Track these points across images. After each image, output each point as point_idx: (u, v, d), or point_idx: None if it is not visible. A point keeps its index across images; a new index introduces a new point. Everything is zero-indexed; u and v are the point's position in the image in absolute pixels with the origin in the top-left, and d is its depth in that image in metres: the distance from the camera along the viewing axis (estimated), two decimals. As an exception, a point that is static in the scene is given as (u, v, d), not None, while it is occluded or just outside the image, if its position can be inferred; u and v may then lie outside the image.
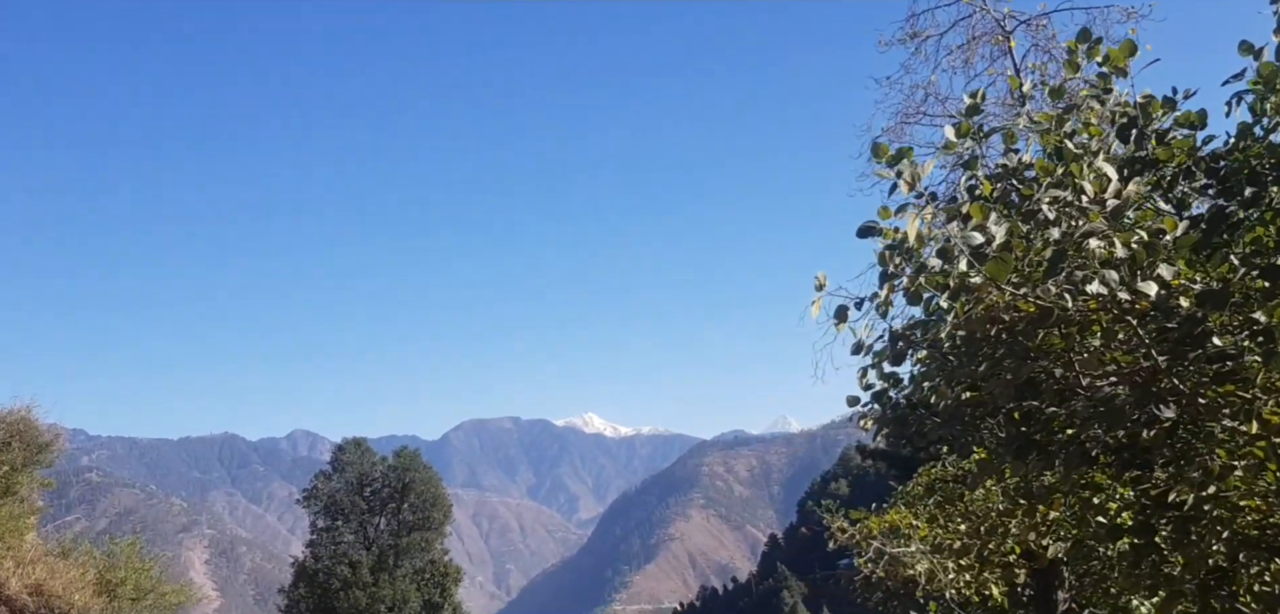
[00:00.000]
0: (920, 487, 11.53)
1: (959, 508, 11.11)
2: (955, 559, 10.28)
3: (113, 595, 11.18)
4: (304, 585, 41.91)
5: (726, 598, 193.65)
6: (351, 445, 45.49)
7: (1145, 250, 3.62)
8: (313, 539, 43.59)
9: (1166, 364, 3.82)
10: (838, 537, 11.30)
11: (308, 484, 45.30)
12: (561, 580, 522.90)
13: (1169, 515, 4.67)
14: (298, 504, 46.44)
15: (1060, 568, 11.38)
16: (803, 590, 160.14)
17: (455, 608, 42.89)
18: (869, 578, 11.17)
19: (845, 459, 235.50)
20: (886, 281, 4.10)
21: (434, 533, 43.86)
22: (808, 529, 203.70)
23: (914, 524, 10.53)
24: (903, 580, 10.67)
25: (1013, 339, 4.10)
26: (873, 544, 10.38)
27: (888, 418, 6.19)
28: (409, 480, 44.10)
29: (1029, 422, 5.09)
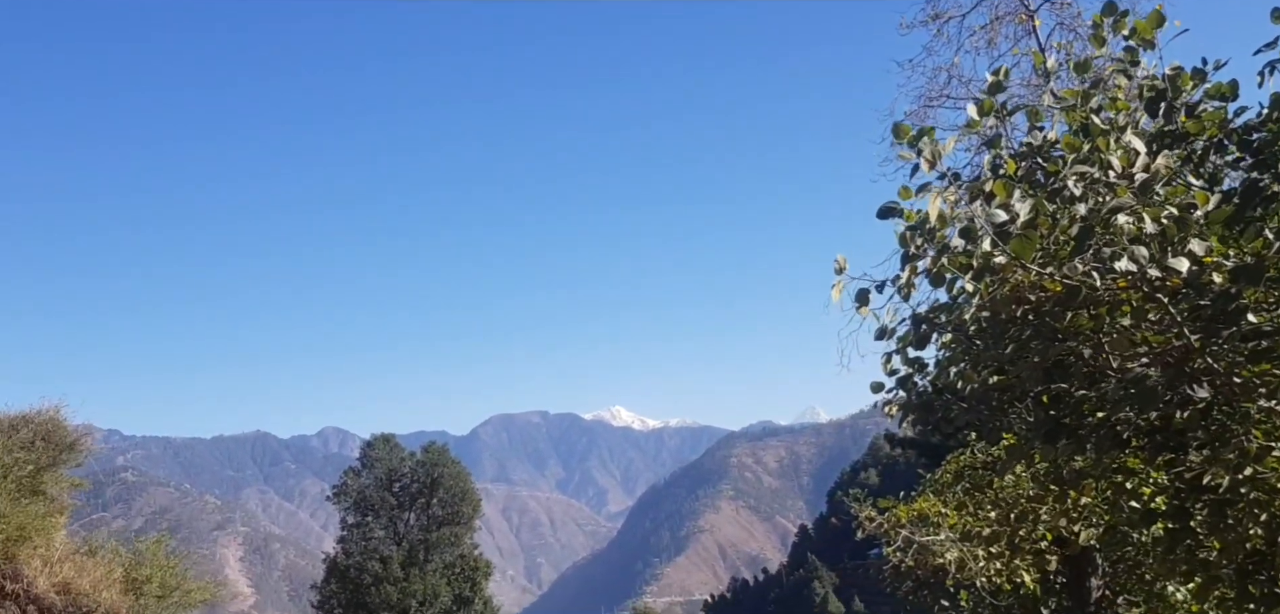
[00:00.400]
0: (949, 474, 11.38)
1: (988, 495, 10.96)
2: (985, 547, 10.14)
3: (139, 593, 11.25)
4: (336, 581, 42.18)
5: (757, 589, 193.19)
6: (380, 441, 45.71)
7: (1176, 225, 3.50)
8: (343, 535, 43.86)
9: (1200, 343, 3.69)
10: (866, 526, 11.18)
11: (338, 481, 45.58)
12: (592, 573, 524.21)
13: (1204, 499, 4.54)
14: (328, 501, 46.75)
15: (1093, 555, 11.21)
16: (834, 581, 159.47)
17: (486, 602, 43.02)
18: (898, 567, 11.05)
19: (874, 449, 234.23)
20: (908, 263, 3.99)
21: (463, 527, 44.00)
22: (837, 519, 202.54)
23: (943, 512, 10.39)
24: (932, 569, 10.55)
25: (1039, 320, 3.99)
26: (901, 533, 10.25)
27: (913, 404, 6.09)
28: (438, 475, 44.26)
29: (1058, 405, 4.98)
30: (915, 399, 6.08)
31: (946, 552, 10.03)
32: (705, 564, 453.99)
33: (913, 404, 6.06)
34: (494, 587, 46.35)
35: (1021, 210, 3.54)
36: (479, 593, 42.53)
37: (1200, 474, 4.63)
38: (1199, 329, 3.69)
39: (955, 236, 3.84)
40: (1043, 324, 3.98)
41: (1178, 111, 4.31)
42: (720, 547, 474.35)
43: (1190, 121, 4.27)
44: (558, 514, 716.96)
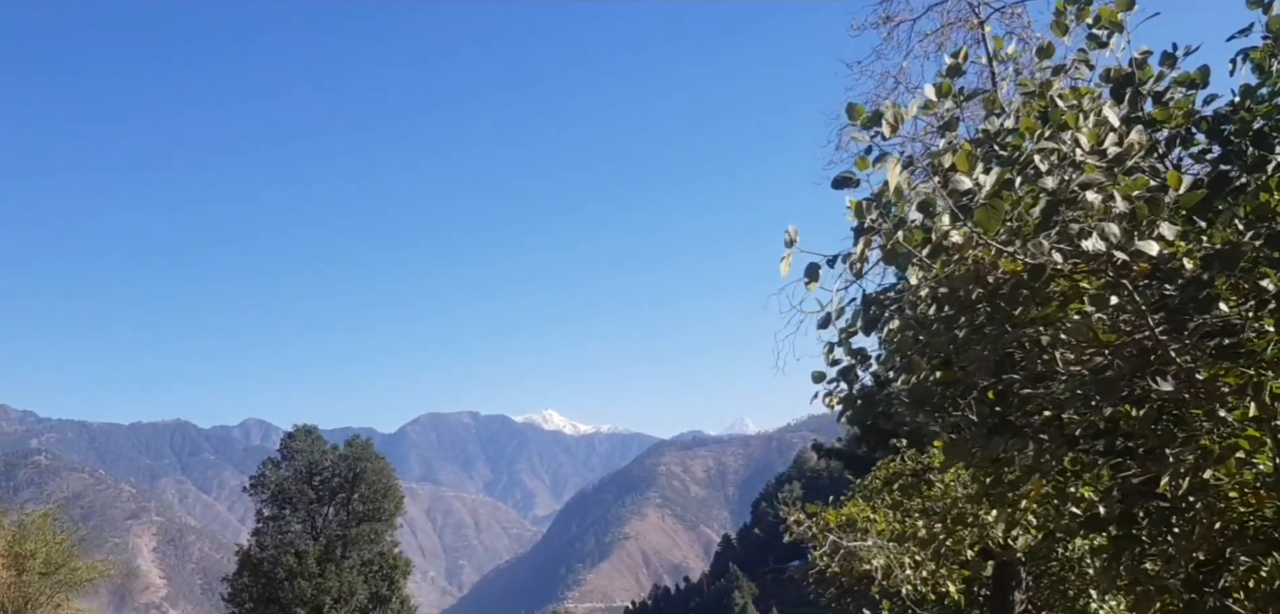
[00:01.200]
0: (878, 480, 11.25)
1: (916, 502, 10.84)
2: (912, 555, 10.00)
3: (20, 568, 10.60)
4: (248, 574, 41.03)
5: (679, 597, 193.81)
6: (301, 433, 44.62)
7: (1148, 206, 3.28)
8: (258, 528, 42.71)
9: (1165, 334, 3.47)
10: (793, 530, 10.97)
11: (255, 471, 44.41)
12: (515, 577, 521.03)
13: (1153, 505, 4.35)
14: (244, 492, 45.49)
15: (1017, 567, 11.14)
16: (753, 591, 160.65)
17: (403, 601, 42.18)
18: (823, 573, 10.86)
19: (800, 461, 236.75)
20: (862, 236, 3.72)
21: (384, 524, 43.14)
22: (761, 530, 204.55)
23: (871, 518, 10.22)
24: (858, 576, 10.38)
25: (994, 306, 3.74)
26: (829, 537, 10.05)
27: (855, 397, 5.85)
28: (360, 471, 43.35)
29: (1004, 402, 4.77)
30: (857, 392, 5.85)
31: (873, 558, 9.87)
32: (629, 571, 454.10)
33: (854, 397, 5.82)
34: (413, 587, 45.55)
35: (986, 181, 3.30)
36: (397, 592, 41.68)
37: (1149, 478, 4.44)
38: (1164, 320, 3.48)
39: (913, 209, 3.58)
40: (997, 310, 3.72)
41: (1144, 99, 4.12)
42: (644, 554, 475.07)
43: (1157, 109, 4.08)
44: (483, 516, 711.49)
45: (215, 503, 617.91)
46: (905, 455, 11.31)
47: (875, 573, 9.76)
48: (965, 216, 3.36)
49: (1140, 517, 4.53)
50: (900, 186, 3.61)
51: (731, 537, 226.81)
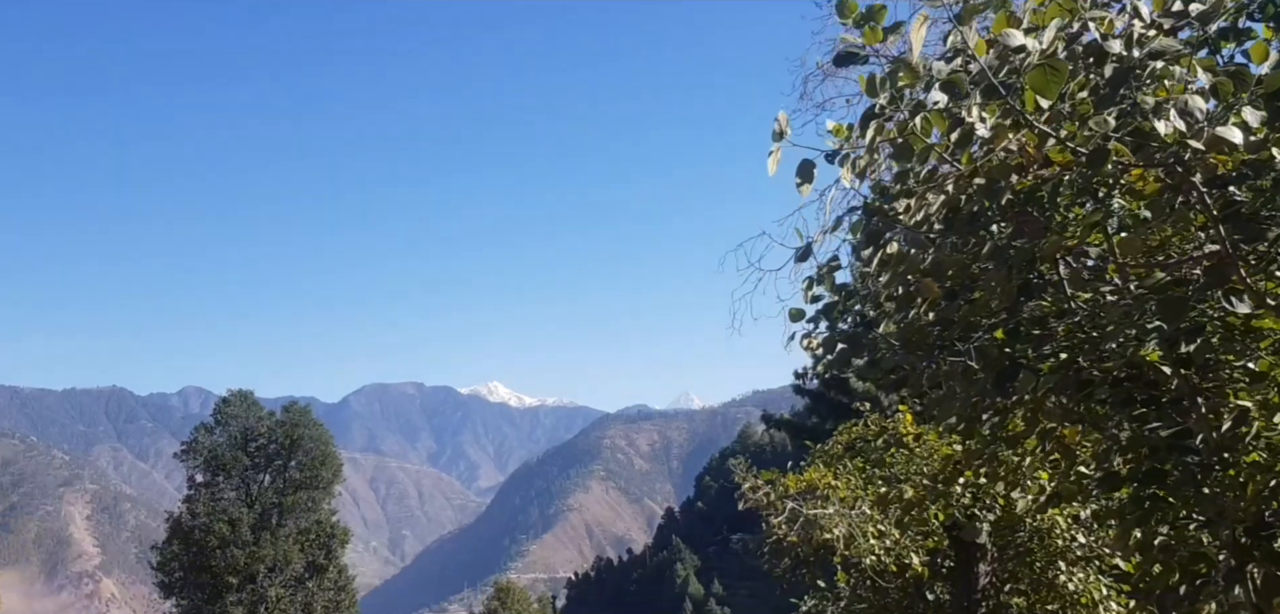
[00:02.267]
0: (840, 446, 10.68)
1: (881, 471, 10.29)
2: (876, 524, 9.45)
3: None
4: (178, 543, 39.76)
5: (620, 569, 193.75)
6: (237, 398, 43.28)
7: (1232, 83, 2.63)
8: (190, 495, 41.39)
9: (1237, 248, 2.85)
10: (749, 496, 10.36)
11: (188, 436, 43.04)
12: (457, 548, 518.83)
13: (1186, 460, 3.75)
14: (175, 458, 44.04)
15: (981, 539, 10.66)
16: (696, 564, 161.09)
17: (341, 570, 41.20)
18: (780, 542, 10.28)
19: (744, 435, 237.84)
20: (872, 123, 3.03)
21: (322, 492, 42.05)
22: (704, 504, 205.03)
23: (833, 484, 9.64)
24: (817, 545, 9.82)
25: (1025, 211, 3.07)
26: (788, 504, 9.46)
27: (836, 338, 5.20)
28: (297, 437, 42.19)
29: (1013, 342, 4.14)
30: (842, 334, 5.21)
31: (835, 526, 9.30)
32: (572, 543, 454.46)
33: (836, 339, 5.17)
34: (355, 557, 44.60)
35: (1044, 37, 2.63)
36: (334, 561, 40.69)
37: (1178, 431, 3.84)
38: (1238, 229, 2.86)
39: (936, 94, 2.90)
40: (1030, 221, 3.05)
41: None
42: (588, 526, 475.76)
43: None
44: (427, 487, 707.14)
45: (152, 471, 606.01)
46: (869, 420, 10.75)
47: (836, 542, 9.20)
48: (1005, 94, 2.68)
49: (1167, 474, 3.94)
50: (920, 64, 2.92)
51: (675, 510, 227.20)
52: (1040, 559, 10.44)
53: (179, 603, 40.22)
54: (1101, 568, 10.47)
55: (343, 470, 43.78)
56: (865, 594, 11.78)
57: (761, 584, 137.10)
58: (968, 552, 10.61)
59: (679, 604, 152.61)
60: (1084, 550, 10.27)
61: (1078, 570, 10.33)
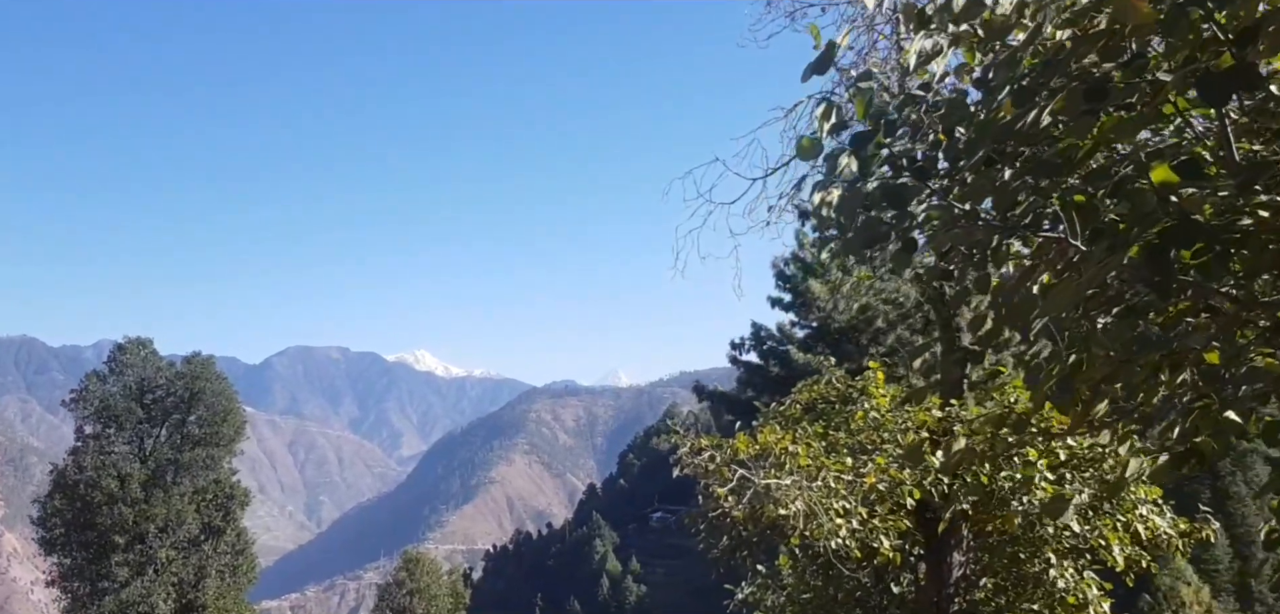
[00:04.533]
0: (799, 406, 8.95)
1: (844, 436, 8.58)
2: (841, 500, 7.74)
3: None
4: (61, 497, 36.80)
5: (540, 543, 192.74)
6: (134, 346, 40.24)
7: None
8: (77, 446, 38.35)
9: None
10: (687, 461, 8.57)
11: (68, 378, 40.00)
12: (376, 515, 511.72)
13: None
14: (62, 406, 40.89)
15: (959, 523, 9.05)
16: (614, 541, 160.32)
17: (240, 534, 38.58)
18: (724, 516, 8.52)
19: (670, 413, 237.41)
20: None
21: (222, 450, 39.32)
22: (626, 481, 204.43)
23: (791, 450, 7.89)
24: (767, 523, 8.07)
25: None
26: (737, 472, 7.68)
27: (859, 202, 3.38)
28: (198, 390, 39.37)
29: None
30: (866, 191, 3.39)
31: (791, 500, 7.57)
32: (492, 515, 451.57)
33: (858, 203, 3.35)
34: (269, 520, 42.31)
35: None
36: (232, 523, 38.06)
37: None
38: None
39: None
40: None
41: None
42: (509, 499, 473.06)
43: None
44: (347, 453, 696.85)
45: (62, 425, 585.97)
46: (834, 378, 9.03)
47: (793, 520, 7.48)
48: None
49: None
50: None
51: (597, 486, 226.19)
52: (1025, 549, 8.85)
53: (60, 561, 37.33)
54: (1093, 562, 8.94)
55: (246, 428, 41.08)
56: (814, 582, 10.12)
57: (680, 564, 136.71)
58: (941, 538, 8.99)
59: (596, 580, 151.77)
60: (1075, 541, 8.71)
61: (1068, 564, 8.77)
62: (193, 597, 36.98)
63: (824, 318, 22.14)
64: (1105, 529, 8.62)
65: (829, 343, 22.51)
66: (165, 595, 36.13)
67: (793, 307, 24.15)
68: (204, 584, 37.06)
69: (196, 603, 37.03)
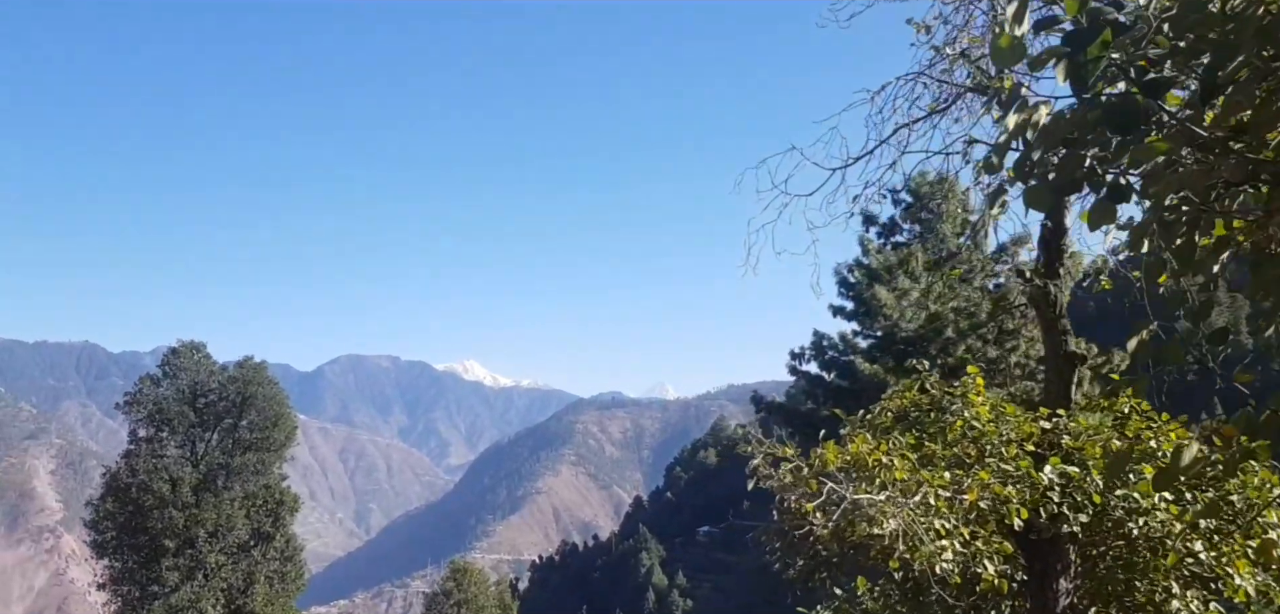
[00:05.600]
0: (889, 414, 8.15)
1: (939, 446, 7.76)
2: (942, 518, 6.93)
3: None
4: (114, 500, 36.82)
5: (586, 555, 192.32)
6: (187, 349, 40.26)
7: None
8: (130, 449, 38.40)
9: None
10: (764, 473, 7.80)
11: (129, 385, 40.08)
12: (423, 523, 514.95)
13: None
14: (117, 408, 41.02)
15: (1066, 547, 8.17)
16: (661, 554, 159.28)
17: (289, 540, 38.33)
18: (807, 533, 7.74)
19: (717, 428, 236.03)
20: None
21: (273, 455, 39.14)
22: (673, 495, 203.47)
23: (885, 462, 7.10)
24: (856, 541, 7.28)
25: None
26: (826, 485, 6.90)
27: (1074, 129, 2.58)
28: (250, 394, 39.26)
29: None
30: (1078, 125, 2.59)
31: (887, 518, 6.79)
32: (538, 526, 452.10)
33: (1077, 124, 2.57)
34: (319, 527, 42.07)
35: None
36: (282, 529, 37.83)
37: None
38: None
39: None
40: None
41: None
42: (555, 510, 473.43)
43: None
44: (396, 461, 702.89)
45: (121, 430, 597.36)
46: (929, 382, 8.21)
47: (888, 540, 6.70)
48: None
49: None
50: None
51: (643, 499, 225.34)
52: (1140, 577, 7.95)
53: (112, 564, 37.37)
54: (1219, 592, 8.01)
55: (296, 433, 40.89)
56: (900, 608, 9.28)
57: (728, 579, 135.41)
58: (1046, 564, 8.12)
59: (642, 594, 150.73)
60: (1200, 568, 7.80)
61: (1192, 593, 7.86)
62: (242, 602, 36.79)
63: (889, 327, 21.23)
64: (1232, 554, 7.71)
65: (894, 353, 21.60)
66: (214, 601, 35.97)
67: (856, 315, 23.26)
68: (253, 590, 36.86)
69: (245, 609, 36.83)
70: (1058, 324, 8.63)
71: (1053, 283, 8.73)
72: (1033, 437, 7.84)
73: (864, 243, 23.64)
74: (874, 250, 22.88)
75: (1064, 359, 8.59)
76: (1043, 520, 7.66)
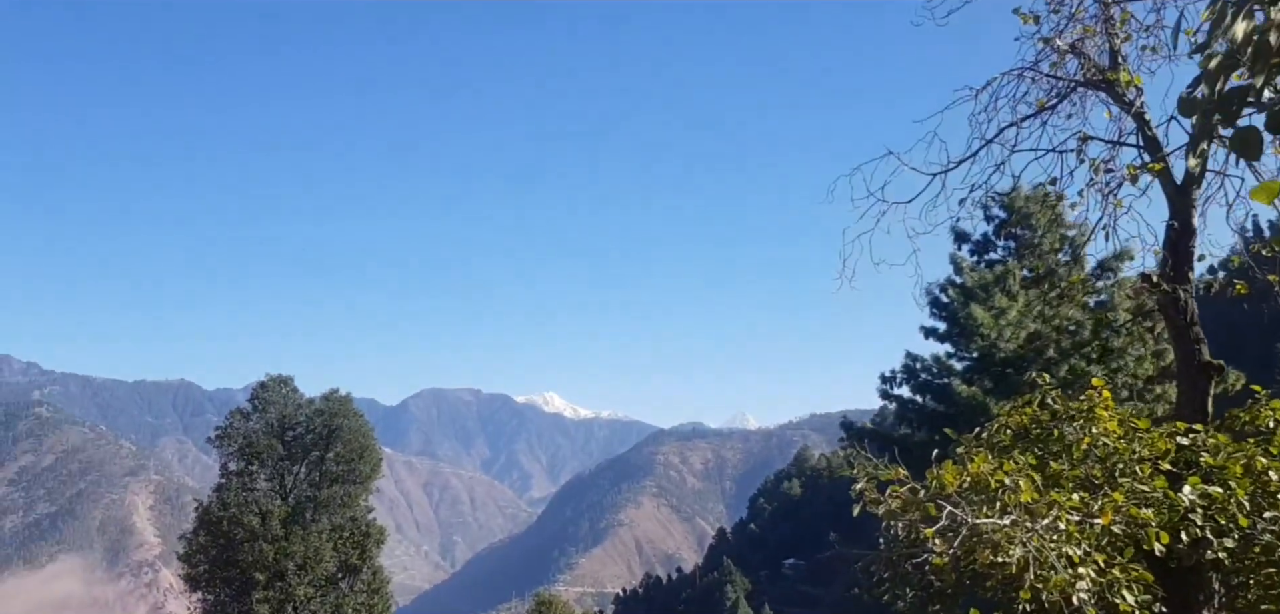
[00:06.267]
0: (1008, 431, 7.53)
1: (1063, 465, 7.11)
2: (1074, 543, 6.29)
3: None
4: (206, 534, 37.40)
5: (670, 588, 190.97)
6: (275, 383, 40.89)
7: None
8: (221, 483, 39.04)
9: None
10: (871, 496, 7.24)
11: (222, 421, 40.79)
12: (507, 556, 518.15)
13: None
14: (209, 442, 41.81)
15: (1208, 574, 7.45)
16: (747, 586, 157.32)
17: (376, 572, 38.49)
18: (920, 564, 7.17)
19: (800, 458, 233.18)
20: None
21: (359, 487, 39.43)
22: (757, 526, 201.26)
23: (1008, 482, 6.50)
24: (980, 569, 6.68)
25: None
26: (945, 509, 6.33)
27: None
28: (336, 427, 39.66)
29: None
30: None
31: (1012, 545, 6.20)
32: (621, 558, 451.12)
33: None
34: (405, 560, 42.33)
35: None
36: (368, 561, 38.00)
37: None
38: None
39: None
40: None
41: None
42: (638, 542, 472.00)
43: None
44: (479, 494, 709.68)
45: (215, 465, 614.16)
46: (1049, 396, 7.58)
47: (1016, 567, 6.11)
48: None
49: None
50: None
51: (727, 531, 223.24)
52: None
53: (205, 597, 37.92)
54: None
55: (382, 465, 41.16)
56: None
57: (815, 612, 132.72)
58: (1186, 592, 7.41)
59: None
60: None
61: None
62: (330, 635, 37.03)
63: (986, 347, 20.35)
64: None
65: (992, 375, 20.72)
66: (303, 633, 36.26)
67: (949, 336, 22.42)
68: (341, 622, 37.08)
69: (333, 641, 37.06)
70: (1190, 332, 7.93)
71: (1182, 288, 8.04)
72: (1168, 454, 7.16)
73: (956, 261, 22.82)
74: (968, 268, 22.04)
75: (1198, 370, 7.88)
76: (1182, 546, 6.97)
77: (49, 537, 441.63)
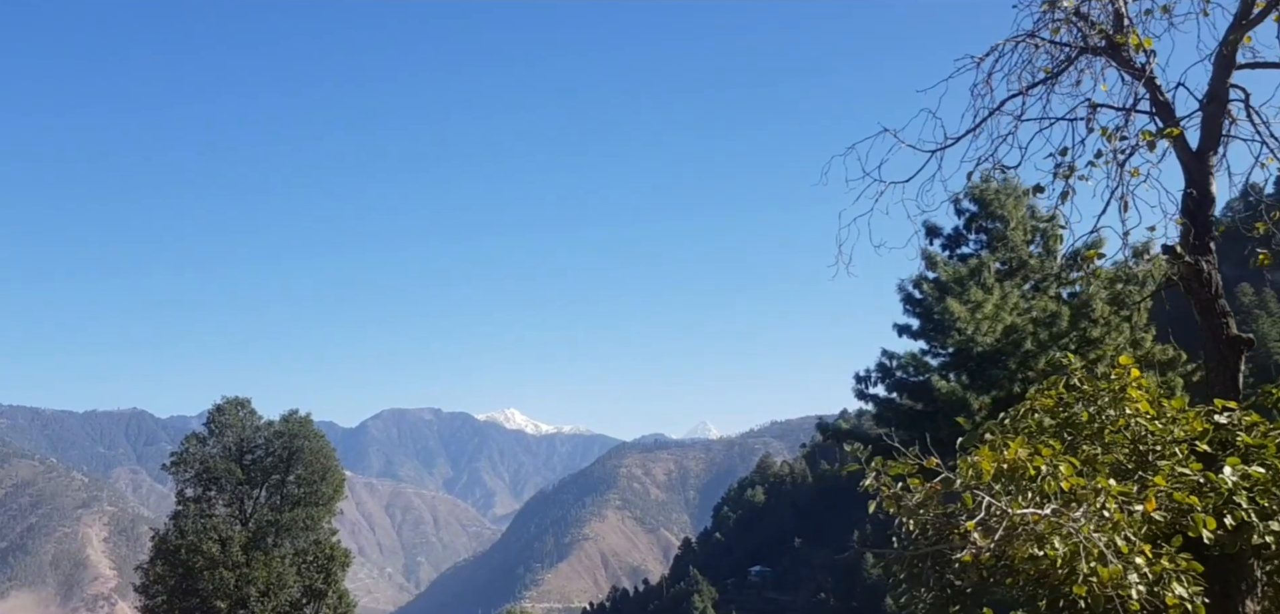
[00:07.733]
0: (1035, 418, 7.01)
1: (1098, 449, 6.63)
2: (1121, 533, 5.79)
3: None
4: (162, 563, 36.18)
5: (637, 600, 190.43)
6: (232, 406, 39.77)
7: None
8: (179, 510, 37.84)
9: None
10: (887, 491, 6.68)
11: (177, 447, 39.57)
12: (472, 575, 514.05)
13: None
14: (164, 470, 40.55)
15: (1250, 564, 7.00)
16: (713, 595, 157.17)
17: (341, 596, 37.48)
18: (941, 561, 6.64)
19: (762, 465, 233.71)
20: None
21: (322, 510, 38.43)
22: (722, 535, 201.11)
23: (1045, 469, 5.98)
24: (1016, 563, 6.15)
25: None
26: (984, 500, 5.79)
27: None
28: (296, 449, 38.66)
29: None
30: None
31: (1053, 536, 5.69)
32: (587, 572, 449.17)
33: None
34: (369, 582, 41.19)
35: None
36: (333, 585, 36.98)
37: None
38: None
39: None
40: None
41: None
42: (603, 555, 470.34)
43: None
44: (442, 513, 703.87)
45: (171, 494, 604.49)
46: (1078, 377, 7.08)
47: (1061, 562, 5.60)
48: None
49: None
50: None
51: (692, 540, 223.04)
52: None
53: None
54: None
55: (345, 486, 40.19)
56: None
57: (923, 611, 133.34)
58: (1226, 580, 6.95)
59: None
60: None
61: None
62: (296, 662, 35.97)
63: (963, 342, 20.01)
64: None
65: (969, 370, 20.38)
66: (268, 661, 35.17)
67: (923, 332, 22.05)
68: (306, 649, 36.04)
69: (299, 668, 36.00)
70: (1216, 305, 7.49)
71: (1205, 259, 7.60)
72: (1206, 434, 6.70)
73: (929, 256, 22.48)
74: (941, 263, 21.71)
75: (1227, 344, 7.44)
76: (1225, 532, 6.51)
77: (0, 573, 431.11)
